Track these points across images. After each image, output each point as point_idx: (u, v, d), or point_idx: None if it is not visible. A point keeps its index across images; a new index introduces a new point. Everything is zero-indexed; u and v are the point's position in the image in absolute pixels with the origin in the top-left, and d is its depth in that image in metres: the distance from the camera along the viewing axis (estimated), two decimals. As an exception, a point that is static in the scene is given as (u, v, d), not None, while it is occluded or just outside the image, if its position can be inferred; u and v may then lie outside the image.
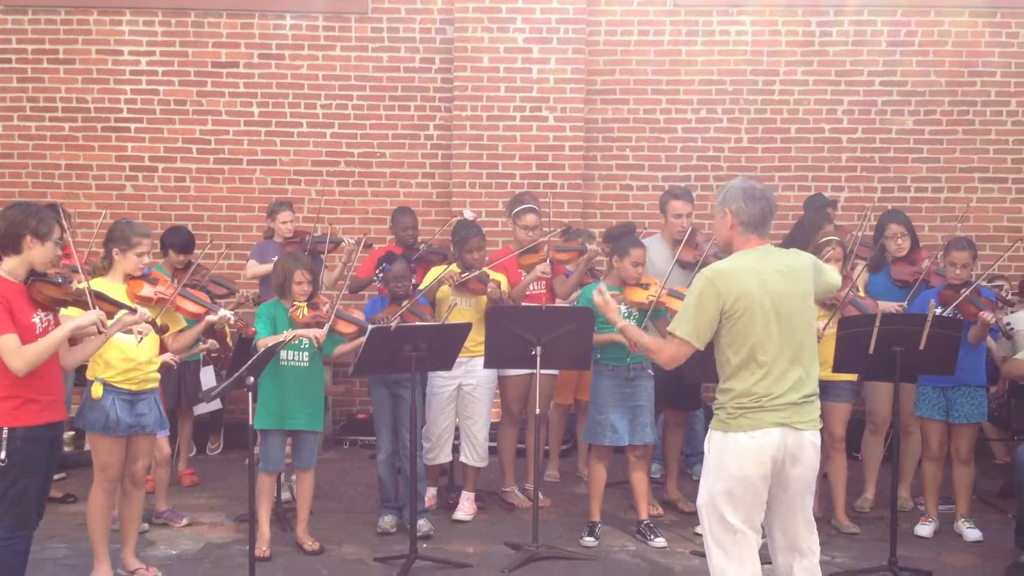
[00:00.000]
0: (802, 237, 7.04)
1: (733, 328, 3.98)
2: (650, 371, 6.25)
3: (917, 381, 6.21)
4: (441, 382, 6.49)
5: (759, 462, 3.95)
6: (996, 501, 6.96)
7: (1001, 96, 8.73)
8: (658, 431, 6.96)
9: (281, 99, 8.88)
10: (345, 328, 5.90)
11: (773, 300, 3.98)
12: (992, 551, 6.02)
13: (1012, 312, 7.06)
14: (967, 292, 6.06)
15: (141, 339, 4.85)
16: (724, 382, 4.06)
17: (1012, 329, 6.25)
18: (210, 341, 6.22)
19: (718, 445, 4.04)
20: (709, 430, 4.13)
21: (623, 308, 6.14)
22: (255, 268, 7.48)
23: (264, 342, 5.53)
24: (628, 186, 8.91)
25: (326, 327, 5.79)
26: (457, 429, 6.65)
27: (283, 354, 5.73)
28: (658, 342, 4.37)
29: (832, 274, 4.41)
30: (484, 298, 6.43)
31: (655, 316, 6.12)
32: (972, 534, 6.22)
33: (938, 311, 5.83)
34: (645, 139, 8.89)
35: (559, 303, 6.81)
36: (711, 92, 8.83)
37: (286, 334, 5.68)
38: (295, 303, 5.90)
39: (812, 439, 4.06)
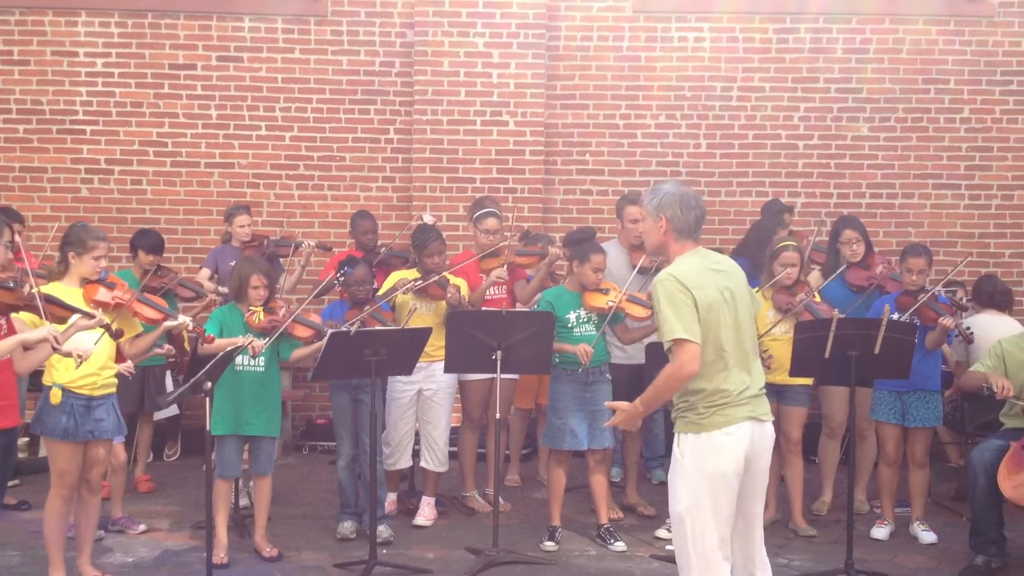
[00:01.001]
0: (757, 242, 7.12)
1: (702, 326, 3.98)
2: (608, 375, 6.28)
3: (873, 386, 6.29)
4: (401, 387, 6.47)
5: (734, 458, 3.97)
6: (951, 504, 7.06)
7: (954, 103, 8.87)
8: (617, 435, 6.99)
9: (240, 102, 8.82)
10: (302, 332, 5.87)
11: (725, 296, 4.04)
12: (947, 553, 6.11)
13: (966, 317, 7.19)
14: (925, 298, 6.15)
15: (80, 363, 4.79)
16: (693, 383, 4.01)
17: (971, 333, 6.35)
18: (167, 346, 6.16)
19: (692, 447, 4.00)
20: (677, 435, 4.09)
21: (582, 313, 6.17)
22: (204, 279, 7.36)
23: (209, 348, 5.49)
24: (588, 191, 8.95)
25: (266, 340, 5.71)
26: (417, 434, 6.64)
27: (239, 359, 5.69)
28: (661, 378, 4.05)
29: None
30: (444, 303, 6.42)
31: (613, 321, 6.16)
32: (927, 537, 6.30)
33: (895, 316, 5.90)
34: (605, 144, 8.93)
35: (519, 307, 6.82)
36: (670, 98, 8.89)
37: (241, 340, 5.63)
38: (251, 308, 5.86)
39: (772, 431, 4.16)
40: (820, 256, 7.31)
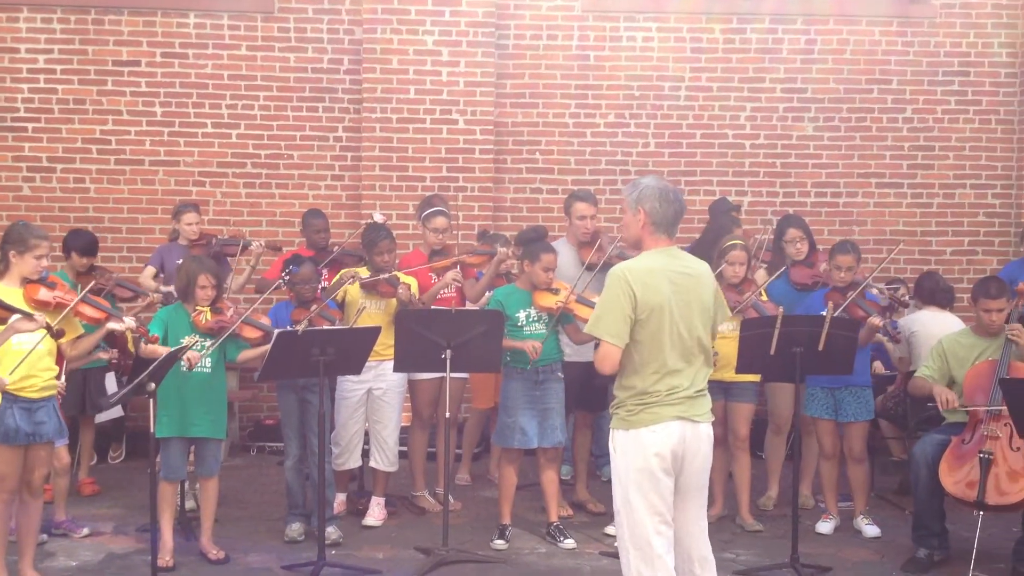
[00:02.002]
0: (710, 241, 7.17)
1: (641, 326, 4.04)
2: (559, 373, 6.30)
3: (806, 382, 6.36)
4: (350, 386, 6.44)
5: (661, 455, 4.04)
6: (894, 498, 7.18)
7: (897, 103, 9.01)
8: (568, 433, 7.02)
9: (185, 99, 8.71)
10: (250, 334, 5.81)
11: (676, 300, 4.07)
12: (890, 547, 6.21)
13: (908, 313, 7.31)
14: (854, 295, 6.24)
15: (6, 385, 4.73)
16: (625, 379, 4.12)
17: (898, 331, 6.45)
18: (112, 351, 6.08)
19: (622, 444, 4.11)
20: (611, 431, 4.19)
21: (532, 312, 6.18)
22: (147, 278, 7.27)
23: (150, 351, 5.43)
24: (538, 189, 8.97)
25: (204, 352, 5.65)
26: (367, 434, 6.61)
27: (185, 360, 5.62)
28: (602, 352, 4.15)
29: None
30: (394, 301, 6.40)
31: (564, 321, 6.18)
32: (870, 530, 6.40)
33: (824, 312, 5.98)
34: (555, 143, 8.96)
35: (469, 306, 6.81)
36: (619, 97, 8.94)
37: (187, 340, 5.57)
38: (198, 308, 5.79)
39: (707, 431, 4.19)
40: (768, 255, 7.39)
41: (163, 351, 5.29)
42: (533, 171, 8.96)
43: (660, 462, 4.05)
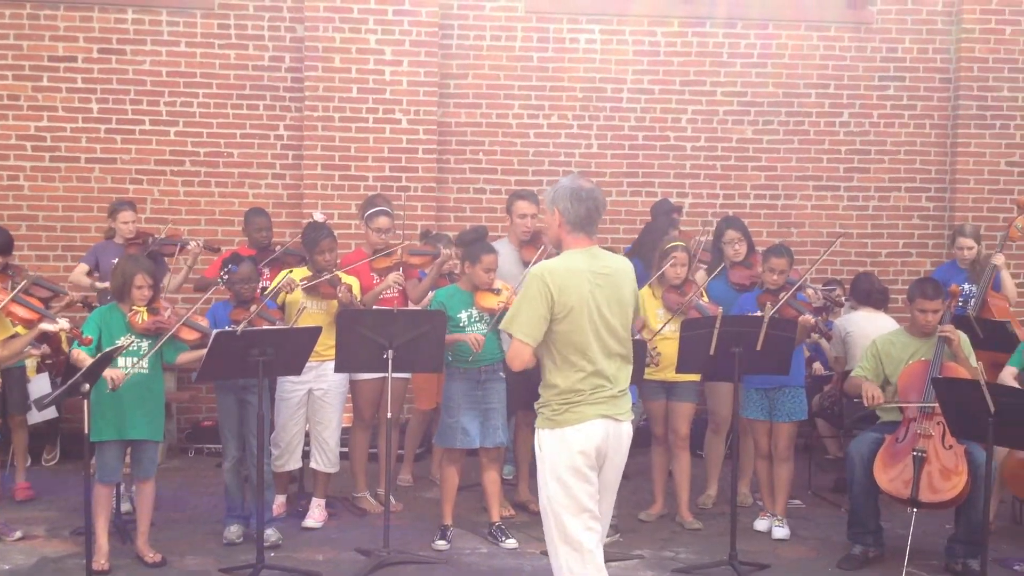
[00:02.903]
0: (650, 242, 7.23)
1: (560, 326, 4.08)
2: (501, 373, 6.30)
3: (742, 383, 6.43)
4: (291, 387, 6.39)
5: (586, 453, 4.09)
6: (829, 495, 7.30)
7: (834, 108, 9.16)
8: (510, 433, 7.03)
9: (122, 95, 8.57)
10: (188, 335, 5.73)
11: (596, 299, 4.11)
12: (826, 544, 6.30)
13: (844, 314, 7.44)
14: (787, 296, 6.33)
15: None
16: (549, 377, 4.16)
17: (831, 330, 6.55)
18: (43, 347, 5.96)
19: (548, 443, 4.14)
20: (536, 431, 4.21)
21: (474, 312, 6.18)
22: (80, 275, 7.12)
23: (76, 358, 5.33)
24: (481, 189, 8.97)
25: (128, 372, 5.55)
26: (307, 435, 6.55)
27: (120, 361, 5.52)
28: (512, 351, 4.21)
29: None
30: (335, 301, 6.36)
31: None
32: (779, 532, 6.43)
33: (756, 313, 6.07)
34: (498, 143, 8.96)
35: (411, 306, 6.79)
36: (562, 98, 8.97)
37: (123, 341, 5.48)
38: (134, 308, 5.70)
39: (628, 430, 4.26)
40: (701, 254, 7.48)
41: (88, 361, 5.17)
42: (476, 171, 8.96)
43: (585, 460, 4.10)
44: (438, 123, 8.72)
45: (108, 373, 5.35)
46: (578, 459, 4.08)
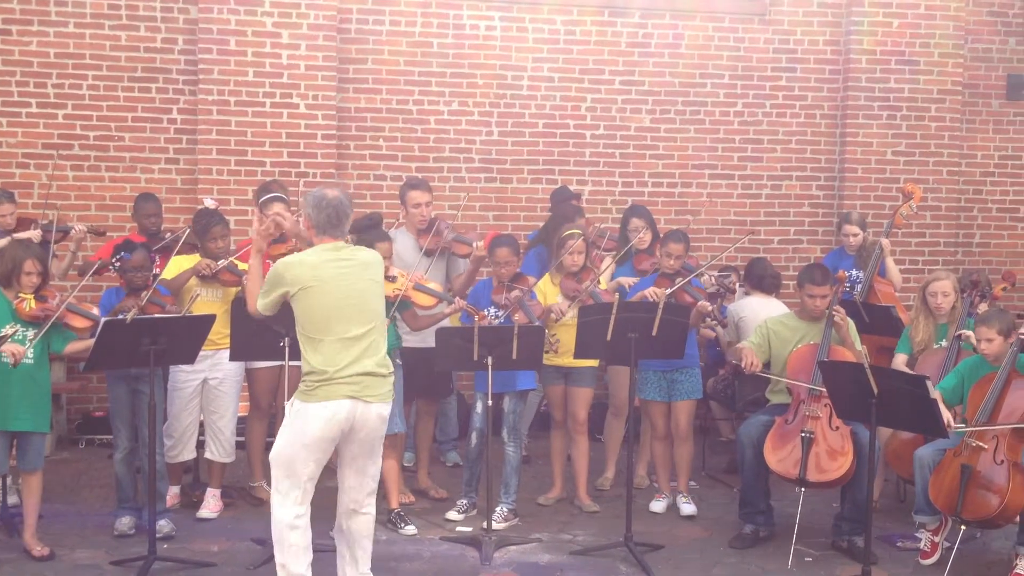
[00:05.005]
0: (553, 228, 7.28)
1: (299, 309, 4.65)
2: (398, 360, 6.28)
3: (638, 366, 6.55)
4: (185, 376, 6.28)
5: (329, 428, 4.61)
6: (722, 476, 7.48)
7: (729, 98, 9.33)
8: (410, 420, 7.03)
9: (8, 77, 8.26)
10: (77, 323, 5.59)
11: (337, 286, 4.63)
12: (718, 523, 6.46)
13: (737, 300, 7.60)
14: (683, 282, 6.46)
15: None
16: (303, 357, 4.67)
17: (725, 317, 6.71)
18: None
19: (298, 412, 4.65)
20: (293, 396, 4.72)
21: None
22: None
23: None
24: (382, 176, 8.90)
25: (28, 346, 5.42)
26: (202, 425, 6.45)
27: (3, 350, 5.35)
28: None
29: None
30: (231, 289, 6.26)
31: (401, 308, 6.18)
32: (687, 509, 6.61)
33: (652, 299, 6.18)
34: (398, 129, 8.91)
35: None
36: (462, 85, 8.96)
37: (8, 329, 5.30)
38: (21, 295, 5.52)
39: (379, 411, 4.74)
40: (605, 243, 7.57)
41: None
42: (376, 158, 8.89)
43: (327, 433, 4.60)
44: (337, 108, 8.63)
45: (9, 348, 5.22)
46: (320, 432, 4.59)
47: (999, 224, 9.80)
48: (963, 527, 5.54)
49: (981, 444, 5.51)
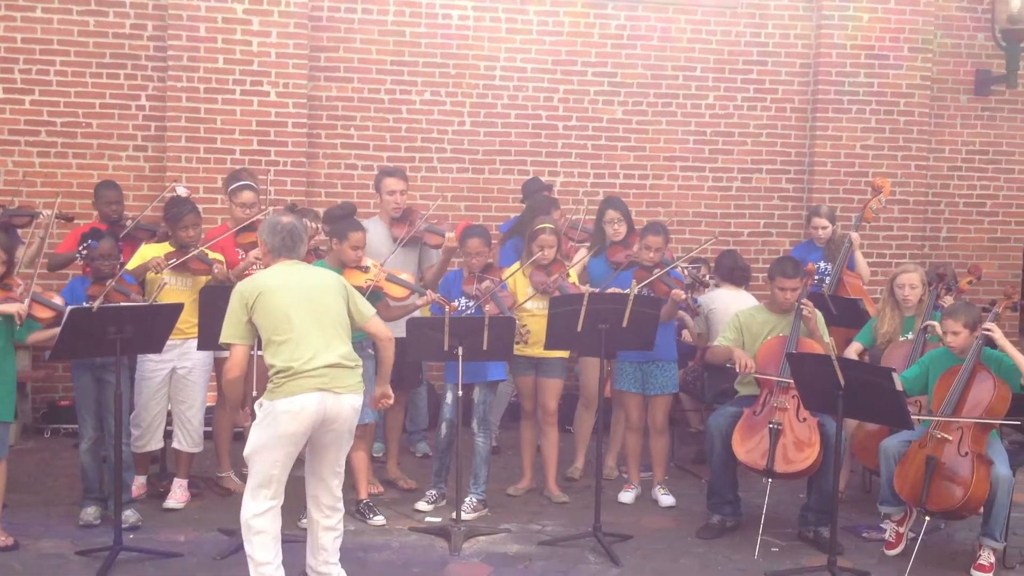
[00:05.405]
0: (528, 220, 7.26)
1: (259, 319, 4.73)
2: (370, 351, 6.26)
3: (616, 357, 6.60)
4: (153, 366, 6.23)
5: (299, 422, 4.66)
6: (690, 467, 7.52)
7: (700, 90, 9.36)
8: (380, 410, 6.99)
9: (-27, 62, 8.17)
10: (41, 313, 5.52)
11: (293, 291, 4.76)
12: (686, 513, 6.50)
13: (707, 292, 7.63)
14: (660, 273, 6.49)
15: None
16: (268, 363, 4.75)
17: (699, 307, 6.74)
18: None
19: (267, 410, 4.69)
20: (261, 397, 4.76)
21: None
22: None
23: None
24: (353, 165, 8.86)
25: (27, 303, 5.39)
26: (169, 414, 6.40)
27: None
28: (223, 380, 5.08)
29: (359, 303, 5.07)
30: (201, 278, 6.22)
31: (374, 299, 6.14)
32: (666, 500, 6.67)
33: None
34: (370, 119, 8.87)
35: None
36: (435, 75, 8.93)
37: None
38: (-15, 283, 5.46)
39: (351, 402, 4.82)
40: (575, 234, 7.57)
41: None
42: (348, 147, 8.85)
43: (297, 427, 4.65)
44: (308, 96, 8.58)
45: (10, 308, 5.32)
46: (290, 427, 4.64)
47: (966, 218, 9.90)
48: (927, 518, 5.60)
49: (946, 436, 5.56)
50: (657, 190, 9.33)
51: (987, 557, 5.57)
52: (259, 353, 5.82)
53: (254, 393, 6.03)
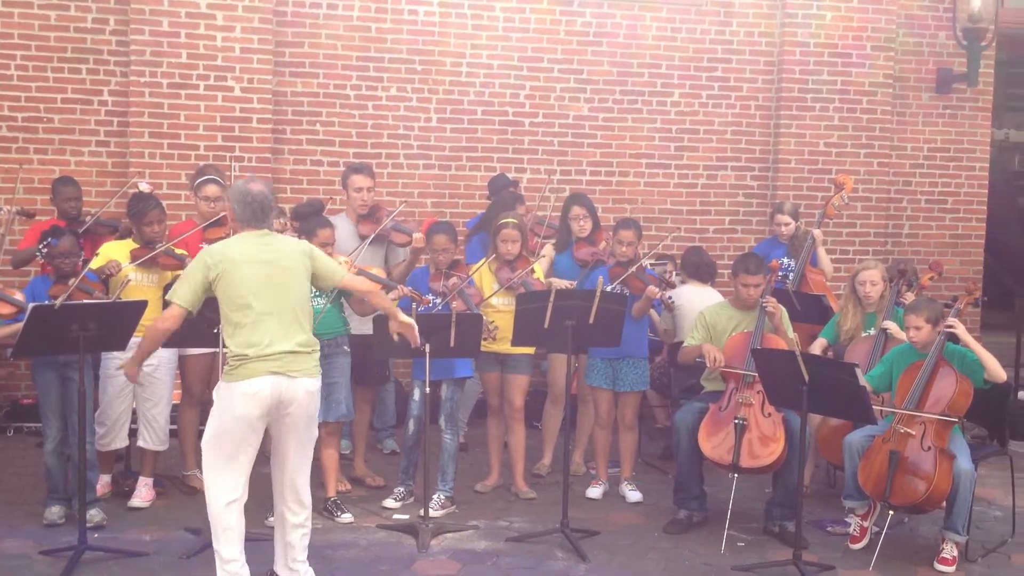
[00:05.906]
0: (493, 216, 7.27)
1: (220, 290, 4.72)
2: (346, 347, 6.26)
3: (588, 353, 6.63)
4: (117, 364, 6.14)
5: (255, 405, 4.66)
6: (658, 463, 7.56)
7: (666, 87, 9.39)
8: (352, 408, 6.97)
9: (-69, 56, 8.04)
10: (2, 309, 5.45)
11: (257, 271, 4.72)
12: (653, 509, 6.53)
13: (674, 289, 7.67)
14: (634, 269, 6.52)
15: None
16: (227, 340, 4.78)
17: (672, 302, 6.79)
18: None
19: (223, 392, 4.72)
20: (219, 382, 4.78)
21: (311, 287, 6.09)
22: None
23: None
24: (319, 161, 8.82)
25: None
26: (135, 412, 6.34)
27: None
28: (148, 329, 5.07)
29: (328, 262, 5.06)
30: (168, 273, 6.17)
31: (344, 295, 6.13)
32: (633, 496, 6.70)
33: (608, 287, 6.23)
34: (336, 114, 8.83)
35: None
36: (401, 71, 8.90)
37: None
38: (-56, 280, 5.37)
39: (306, 386, 4.79)
40: (541, 230, 7.58)
41: None
42: (313, 143, 8.81)
43: (254, 410, 4.65)
44: (273, 92, 8.53)
45: None
46: (246, 409, 4.64)
47: (927, 215, 10.01)
48: (891, 512, 5.67)
49: (909, 431, 5.63)
50: (623, 187, 9.37)
51: (950, 550, 5.65)
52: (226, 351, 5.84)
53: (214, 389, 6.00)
